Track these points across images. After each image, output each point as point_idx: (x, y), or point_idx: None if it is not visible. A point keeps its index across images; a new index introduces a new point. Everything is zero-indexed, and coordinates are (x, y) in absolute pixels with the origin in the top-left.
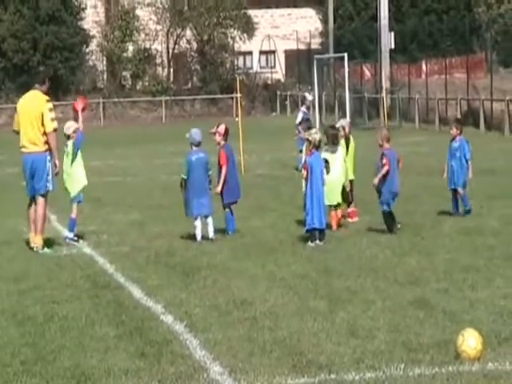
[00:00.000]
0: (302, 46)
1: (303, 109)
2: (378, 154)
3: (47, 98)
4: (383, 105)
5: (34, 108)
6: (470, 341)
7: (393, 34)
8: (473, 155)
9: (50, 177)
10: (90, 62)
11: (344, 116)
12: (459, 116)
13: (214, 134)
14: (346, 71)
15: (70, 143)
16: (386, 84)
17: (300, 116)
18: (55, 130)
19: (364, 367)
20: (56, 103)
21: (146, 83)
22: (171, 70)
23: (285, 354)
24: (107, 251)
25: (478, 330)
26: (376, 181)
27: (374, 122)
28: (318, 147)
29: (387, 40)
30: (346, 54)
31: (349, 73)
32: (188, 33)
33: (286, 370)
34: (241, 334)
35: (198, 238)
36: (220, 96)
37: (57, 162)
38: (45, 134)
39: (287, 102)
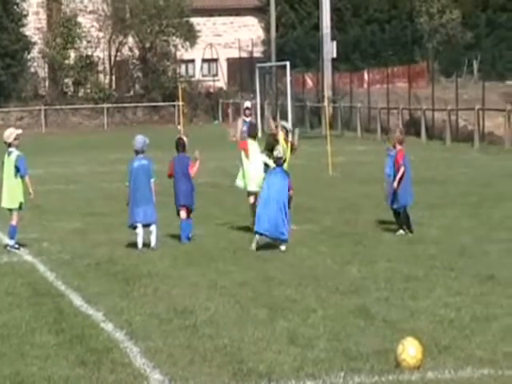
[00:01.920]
0: (244, 55)
1: (243, 117)
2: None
3: None
4: (325, 114)
5: None
6: (410, 350)
7: (335, 43)
8: (412, 164)
9: None
10: (32, 69)
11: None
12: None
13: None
14: (288, 80)
15: (13, 156)
16: (328, 93)
17: (240, 124)
18: None
19: (304, 375)
20: None
21: (88, 90)
22: (113, 77)
23: (225, 362)
24: (48, 259)
25: (418, 339)
26: (395, 184)
27: (316, 130)
28: (278, 164)
29: (329, 49)
30: (288, 63)
31: (291, 81)
32: (130, 40)
33: (226, 379)
34: (181, 342)
35: (139, 245)
36: (162, 104)
37: None
38: None
39: (229, 110)
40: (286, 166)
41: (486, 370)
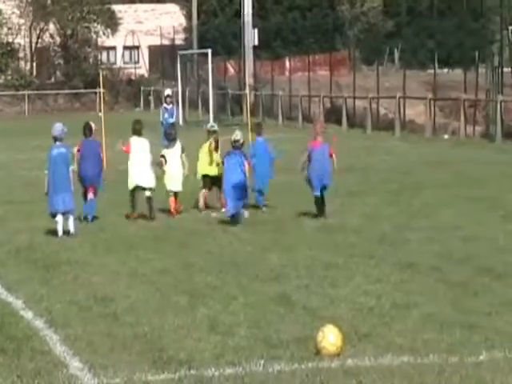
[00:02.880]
0: (165, 42)
1: (165, 105)
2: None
3: None
4: (247, 101)
5: None
6: (329, 337)
7: (256, 30)
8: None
9: None
10: None
11: (207, 112)
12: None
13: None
14: (209, 67)
15: None
16: (249, 80)
17: (162, 112)
18: None
19: (224, 363)
20: None
21: (9, 77)
22: (34, 64)
23: (145, 349)
24: None
25: (338, 327)
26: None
27: (237, 118)
28: (235, 147)
29: (251, 37)
30: (209, 50)
31: (212, 69)
32: (51, 27)
33: (146, 366)
34: (101, 330)
35: (60, 233)
36: (83, 91)
37: None
38: None
39: (151, 98)
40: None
41: (405, 358)
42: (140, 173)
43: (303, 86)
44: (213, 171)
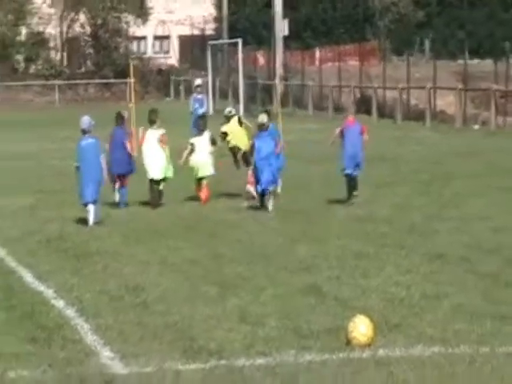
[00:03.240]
0: (196, 32)
1: (195, 95)
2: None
3: None
4: (276, 91)
5: None
6: (360, 327)
7: (287, 20)
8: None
9: None
10: None
11: (237, 102)
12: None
13: None
14: (239, 57)
15: None
16: (279, 71)
17: (191, 103)
18: None
19: (254, 353)
20: None
21: (40, 67)
22: (65, 53)
23: (176, 339)
24: None
25: (369, 317)
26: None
27: (267, 108)
28: (262, 130)
29: (281, 27)
30: (239, 40)
31: (243, 59)
32: (82, 17)
33: (176, 355)
34: (132, 319)
35: (90, 222)
36: (114, 81)
37: None
38: None
39: (181, 88)
40: (244, 148)
41: (436, 348)
42: (153, 165)
43: (333, 77)
44: (244, 144)
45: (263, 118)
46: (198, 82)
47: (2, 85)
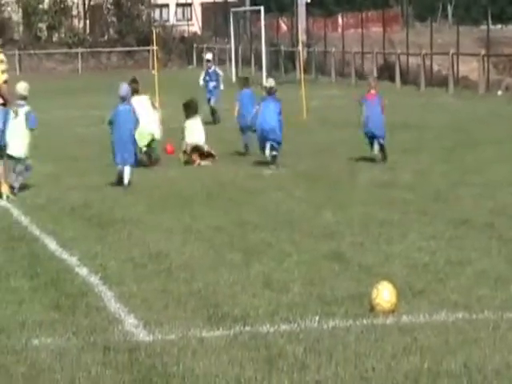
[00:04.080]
0: None
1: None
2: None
3: None
4: (299, 58)
5: None
6: (384, 294)
7: None
8: (387, 109)
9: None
10: (6, 14)
11: (260, 69)
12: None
13: None
14: (262, 24)
15: (23, 109)
16: (302, 37)
17: (202, 77)
18: (5, 82)
19: (279, 319)
20: None
21: (63, 35)
22: (87, 22)
23: (200, 306)
24: (22, 203)
25: (392, 283)
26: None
27: (290, 75)
28: (269, 93)
29: None
30: (262, 8)
31: (265, 26)
32: None
33: (201, 323)
34: (156, 287)
35: (126, 181)
36: (136, 48)
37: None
38: None
39: (204, 55)
40: None
41: (460, 314)
42: (139, 132)
43: (356, 43)
44: None
45: (271, 81)
46: (209, 56)
47: (25, 53)
